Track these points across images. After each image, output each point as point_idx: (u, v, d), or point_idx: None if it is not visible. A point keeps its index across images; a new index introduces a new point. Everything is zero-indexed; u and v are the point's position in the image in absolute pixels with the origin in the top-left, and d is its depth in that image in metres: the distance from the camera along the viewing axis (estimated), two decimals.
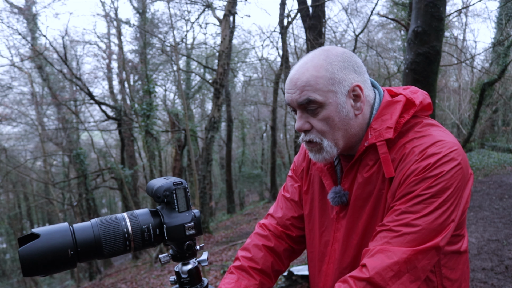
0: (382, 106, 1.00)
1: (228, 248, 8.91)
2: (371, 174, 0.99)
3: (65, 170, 19.45)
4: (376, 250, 0.88)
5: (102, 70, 17.25)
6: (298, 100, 0.97)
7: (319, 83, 0.95)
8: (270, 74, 19.36)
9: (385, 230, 0.89)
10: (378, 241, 0.89)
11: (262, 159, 24.91)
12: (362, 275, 0.86)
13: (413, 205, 0.87)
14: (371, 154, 0.99)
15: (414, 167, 0.90)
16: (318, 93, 0.95)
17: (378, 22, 15.80)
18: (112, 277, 11.46)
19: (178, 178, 0.85)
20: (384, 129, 0.97)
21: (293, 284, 4.66)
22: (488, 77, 12.64)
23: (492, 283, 3.78)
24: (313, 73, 0.96)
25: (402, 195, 0.90)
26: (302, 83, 0.96)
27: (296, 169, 1.27)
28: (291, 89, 0.99)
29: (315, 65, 0.96)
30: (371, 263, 0.86)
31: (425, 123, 0.99)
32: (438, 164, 0.88)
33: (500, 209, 6.66)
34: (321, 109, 0.97)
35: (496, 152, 15.13)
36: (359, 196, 1.01)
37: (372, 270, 0.85)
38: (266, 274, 1.18)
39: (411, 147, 0.93)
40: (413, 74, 3.74)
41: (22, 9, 13.77)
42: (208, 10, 14.33)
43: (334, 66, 0.96)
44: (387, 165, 0.94)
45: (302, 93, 0.96)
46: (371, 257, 0.87)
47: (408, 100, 0.99)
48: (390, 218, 0.90)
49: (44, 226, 0.74)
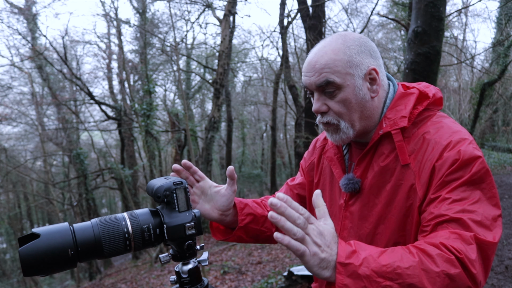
0: (397, 97, 1.03)
1: (228, 248, 8.91)
2: (387, 163, 0.99)
3: (65, 170, 19.43)
4: (446, 235, 0.82)
5: (102, 70, 17.25)
6: (317, 82, 0.99)
7: (337, 66, 0.98)
8: (270, 74, 19.34)
9: (444, 222, 0.84)
10: (440, 231, 0.84)
11: (262, 159, 24.89)
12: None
13: (462, 192, 0.86)
14: (386, 144, 1.01)
15: (446, 155, 0.90)
16: (336, 75, 0.98)
17: (378, 22, 15.79)
18: (112, 277, 11.46)
19: (178, 178, 0.86)
20: (398, 118, 0.99)
21: (293, 284, 4.66)
22: (488, 77, 12.64)
23: (492, 283, 3.78)
24: (331, 56, 0.98)
25: (444, 183, 0.88)
26: (321, 66, 0.98)
27: (304, 164, 1.31)
28: (310, 71, 1.01)
29: (333, 49, 0.99)
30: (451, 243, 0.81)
31: (439, 115, 1.02)
32: (471, 150, 0.89)
33: None
34: (338, 91, 0.99)
35: (496, 152, 15.14)
36: (375, 185, 1.01)
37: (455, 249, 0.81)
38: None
39: (432, 137, 0.94)
40: (413, 74, 3.74)
41: (22, 9, 13.76)
42: (208, 10, 14.32)
43: (351, 50, 0.99)
44: (402, 152, 0.96)
45: (320, 75, 0.98)
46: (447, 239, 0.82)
47: (422, 92, 1.02)
48: (444, 208, 0.85)
49: (44, 226, 0.74)
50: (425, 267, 0.77)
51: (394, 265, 0.77)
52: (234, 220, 1.16)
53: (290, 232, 0.75)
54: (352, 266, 0.77)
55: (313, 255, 0.77)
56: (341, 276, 0.77)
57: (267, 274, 6.04)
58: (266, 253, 7.53)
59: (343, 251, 0.79)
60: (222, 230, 1.21)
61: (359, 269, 0.77)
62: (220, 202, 1.12)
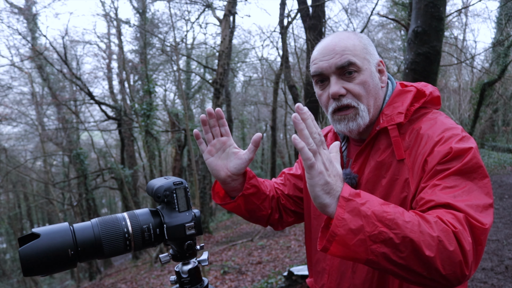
0: (394, 95, 1.06)
1: (228, 248, 8.91)
2: (384, 158, 1.01)
3: (65, 170, 19.43)
4: (442, 213, 0.81)
5: (102, 70, 17.25)
6: (338, 64, 1.00)
7: (357, 49, 1.02)
8: (270, 74, 19.33)
9: (437, 206, 0.83)
10: (432, 214, 0.82)
11: (262, 159, 24.92)
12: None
13: (454, 180, 0.86)
14: (382, 139, 1.03)
15: (437, 150, 0.90)
16: (357, 58, 1.01)
17: (378, 22, 15.80)
18: (112, 277, 11.46)
19: (178, 178, 0.86)
20: (395, 114, 1.01)
21: (293, 284, 4.66)
22: (488, 77, 12.64)
23: (492, 283, 3.78)
24: (350, 41, 1.03)
25: (436, 172, 0.88)
26: (342, 48, 1.01)
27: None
28: (328, 55, 1.02)
29: (349, 37, 1.03)
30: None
31: (435, 111, 1.04)
32: (463, 142, 0.90)
33: (500, 209, 6.66)
34: (358, 73, 1.01)
35: (496, 152, 15.14)
36: (371, 180, 1.03)
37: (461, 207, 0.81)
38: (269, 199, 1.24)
39: (426, 132, 0.96)
40: (413, 74, 3.74)
41: (22, 9, 13.76)
42: (208, 10, 14.33)
43: (364, 40, 1.05)
44: (398, 148, 0.98)
45: (342, 56, 1.00)
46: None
47: (419, 90, 1.04)
48: (436, 194, 0.85)
49: (44, 226, 0.74)
50: (422, 229, 0.76)
51: (395, 215, 0.77)
52: (237, 188, 1.16)
53: (306, 140, 0.77)
54: (354, 203, 0.77)
55: (320, 173, 0.78)
56: (341, 210, 0.77)
57: (267, 274, 6.04)
58: (266, 253, 7.53)
59: (348, 189, 0.80)
60: (221, 196, 1.21)
61: (361, 207, 0.77)
62: (234, 163, 1.11)
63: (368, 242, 0.75)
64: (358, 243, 0.75)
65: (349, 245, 0.76)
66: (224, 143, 1.13)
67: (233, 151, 1.13)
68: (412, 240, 0.74)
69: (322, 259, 1.16)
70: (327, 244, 0.78)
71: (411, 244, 0.74)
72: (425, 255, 0.74)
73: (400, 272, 0.77)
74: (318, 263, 1.18)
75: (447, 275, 0.76)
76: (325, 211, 0.80)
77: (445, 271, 0.75)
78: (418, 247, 0.74)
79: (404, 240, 0.74)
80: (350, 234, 0.76)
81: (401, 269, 0.77)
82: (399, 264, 0.76)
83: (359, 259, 0.78)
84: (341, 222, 0.76)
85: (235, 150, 1.13)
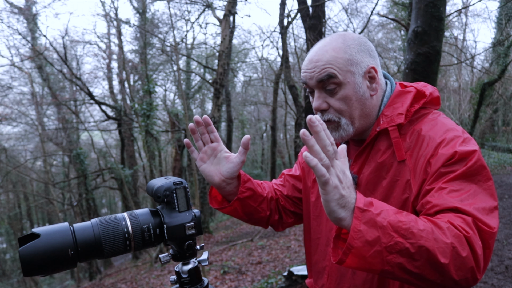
0: (394, 95, 1.05)
1: (228, 248, 8.91)
2: (384, 159, 1.01)
3: (65, 170, 19.43)
4: (451, 218, 0.81)
5: (102, 70, 17.25)
6: (318, 77, 1.00)
7: (339, 63, 0.99)
8: (270, 74, 19.33)
9: (445, 210, 0.83)
10: (441, 219, 0.81)
11: (262, 159, 24.92)
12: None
13: (458, 184, 0.86)
14: (383, 140, 1.02)
15: (441, 152, 0.90)
16: (339, 71, 0.99)
17: (378, 22, 15.79)
18: (112, 277, 11.45)
19: (179, 178, 0.86)
20: (395, 115, 1.00)
21: (293, 284, 4.66)
22: (488, 77, 12.64)
23: (492, 283, 3.78)
24: (332, 53, 1.00)
25: (440, 174, 0.88)
26: (323, 62, 1.00)
27: (302, 159, 1.32)
28: (311, 68, 1.02)
29: (334, 47, 1.01)
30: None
31: (435, 112, 1.03)
32: (465, 147, 0.90)
33: (500, 209, 6.67)
34: (339, 88, 1.00)
35: (496, 152, 15.14)
36: (371, 181, 1.03)
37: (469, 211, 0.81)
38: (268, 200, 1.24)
39: (427, 133, 0.96)
40: (413, 74, 3.74)
41: (22, 9, 13.76)
42: (208, 10, 14.32)
43: (352, 49, 1.01)
44: (399, 149, 0.98)
45: (322, 70, 0.99)
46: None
47: (419, 91, 1.04)
48: (442, 197, 0.84)
49: (44, 226, 0.74)
50: (436, 237, 0.75)
51: (409, 223, 0.76)
52: (233, 191, 1.16)
53: (317, 156, 0.73)
54: (370, 214, 0.76)
55: (335, 188, 0.75)
56: (357, 221, 0.75)
57: (267, 274, 6.04)
58: (266, 253, 7.53)
59: (362, 198, 0.78)
60: (219, 200, 1.22)
61: (377, 217, 0.76)
62: (226, 168, 1.12)
63: (384, 253, 0.75)
64: (375, 254, 0.75)
65: (366, 257, 0.76)
66: (215, 148, 1.14)
67: (224, 155, 1.13)
68: (428, 249, 0.74)
69: (321, 259, 1.16)
70: (343, 256, 0.77)
71: (427, 252, 0.74)
72: (440, 262, 0.74)
73: (414, 280, 0.77)
74: (318, 263, 1.18)
75: (460, 281, 0.76)
76: (340, 224, 0.79)
77: (458, 277, 0.76)
78: (433, 255, 0.74)
79: (420, 249, 0.74)
80: (366, 246, 0.75)
81: (414, 278, 0.77)
82: (414, 273, 0.76)
83: (374, 270, 0.78)
84: (358, 234, 0.75)
85: (226, 155, 1.13)
